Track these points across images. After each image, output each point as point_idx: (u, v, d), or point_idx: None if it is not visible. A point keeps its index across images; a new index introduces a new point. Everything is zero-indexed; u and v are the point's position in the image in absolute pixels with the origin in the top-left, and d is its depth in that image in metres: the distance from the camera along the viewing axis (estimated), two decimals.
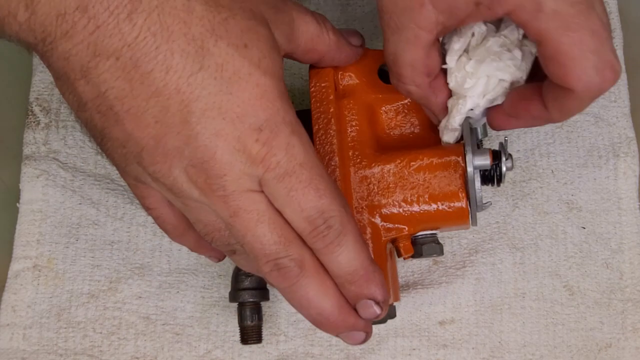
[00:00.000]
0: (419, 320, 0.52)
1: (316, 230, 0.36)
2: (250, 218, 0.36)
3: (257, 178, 0.35)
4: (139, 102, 0.34)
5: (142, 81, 0.34)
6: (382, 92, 0.46)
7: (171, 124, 0.34)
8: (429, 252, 0.45)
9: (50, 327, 0.52)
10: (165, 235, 0.53)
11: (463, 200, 0.44)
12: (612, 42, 0.37)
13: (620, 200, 0.54)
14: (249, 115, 0.35)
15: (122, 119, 0.35)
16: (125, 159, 0.36)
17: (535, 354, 0.52)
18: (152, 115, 0.34)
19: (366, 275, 0.38)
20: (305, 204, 0.36)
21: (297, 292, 0.38)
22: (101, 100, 0.34)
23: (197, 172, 0.35)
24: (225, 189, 0.35)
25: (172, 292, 0.53)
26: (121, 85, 0.34)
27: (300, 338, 0.52)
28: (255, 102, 0.35)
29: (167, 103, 0.34)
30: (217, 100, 0.34)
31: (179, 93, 0.34)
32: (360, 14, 0.58)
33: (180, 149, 0.35)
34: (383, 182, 0.44)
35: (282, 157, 0.35)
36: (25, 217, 0.54)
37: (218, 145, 0.34)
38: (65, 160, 0.55)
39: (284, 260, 0.37)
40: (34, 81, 0.56)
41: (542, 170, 0.55)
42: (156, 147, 0.35)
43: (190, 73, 0.34)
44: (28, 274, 0.53)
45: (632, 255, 0.53)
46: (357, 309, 0.39)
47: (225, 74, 0.35)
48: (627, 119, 0.55)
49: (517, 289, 0.53)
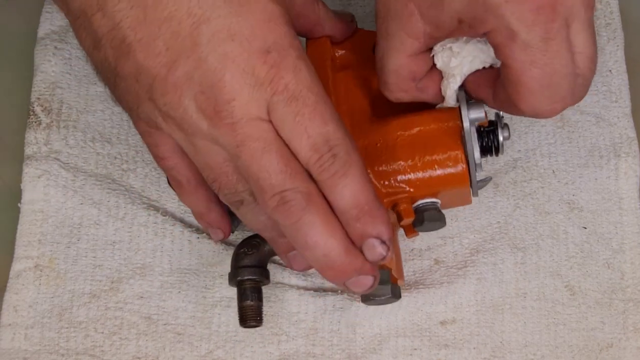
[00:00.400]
0: (420, 320, 0.52)
1: (322, 159, 0.36)
2: (257, 147, 0.36)
3: (265, 102, 0.36)
4: (152, 29, 0.35)
5: (156, 6, 0.35)
6: None
7: (181, 49, 0.35)
8: (431, 219, 0.45)
9: (51, 327, 0.52)
10: (167, 235, 0.54)
11: (462, 162, 0.44)
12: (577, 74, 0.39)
13: (622, 200, 0.54)
14: (258, 37, 0.36)
15: (134, 50, 0.36)
16: (138, 96, 0.37)
17: (536, 354, 0.52)
18: (164, 41, 0.35)
19: (371, 211, 0.38)
20: (312, 130, 0.36)
21: (303, 229, 0.37)
22: (115, 32, 0.36)
23: (206, 98, 0.35)
24: (234, 115, 0.35)
25: (173, 292, 0.53)
26: (135, 14, 0.35)
27: (302, 338, 0.52)
28: (263, 25, 0.36)
29: (178, 27, 0.35)
30: (227, 22, 0.35)
31: (190, 16, 0.35)
32: (361, 14, 0.58)
33: (189, 73, 0.35)
34: (382, 149, 0.44)
35: (290, 79, 0.36)
36: (27, 217, 0.54)
37: (227, 66, 0.35)
38: (67, 160, 0.55)
39: (289, 192, 0.36)
40: (35, 81, 0.56)
41: (543, 170, 0.55)
42: (167, 76, 0.36)
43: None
44: (29, 274, 0.53)
45: (633, 255, 0.53)
46: (363, 249, 0.38)
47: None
48: (628, 119, 0.55)
49: (518, 289, 0.53)
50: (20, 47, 0.58)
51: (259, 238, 0.47)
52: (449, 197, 0.46)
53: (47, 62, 0.56)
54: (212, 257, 0.53)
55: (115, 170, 0.55)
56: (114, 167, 0.55)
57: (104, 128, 0.56)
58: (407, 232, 0.47)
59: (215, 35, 0.35)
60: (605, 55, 0.56)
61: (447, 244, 0.54)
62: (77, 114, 0.56)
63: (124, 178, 0.55)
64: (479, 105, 0.44)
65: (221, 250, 0.53)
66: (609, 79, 0.56)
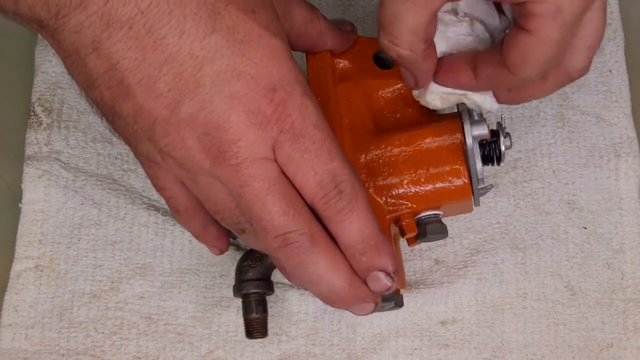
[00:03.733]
0: (421, 320, 0.52)
1: (327, 195, 0.36)
2: (261, 187, 0.35)
3: (271, 141, 0.35)
4: (152, 70, 0.34)
5: (155, 48, 0.34)
6: (378, 77, 0.47)
7: (185, 91, 0.34)
8: (433, 232, 0.45)
9: (52, 327, 0.52)
10: (167, 235, 0.54)
11: (464, 177, 0.44)
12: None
13: (622, 201, 0.54)
14: (263, 75, 0.35)
15: (133, 91, 0.35)
16: (137, 136, 0.36)
17: (536, 354, 0.52)
18: (165, 83, 0.34)
19: (377, 245, 0.37)
20: (318, 167, 0.36)
21: (307, 268, 0.37)
22: (112, 73, 0.34)
23: (210, 139, 0.35)
24: (238, 156, 0.35)
25: (174, 292, 0.53)
26: (133, 55, 0.34)
27: (302, 338, 0.52)
28: (268, 63, 0.35)
29: (181, 69, 0.34)
30: (231, 62, 0.34)
31: (193, 57, 0.34)
32: (362, 15, 0.59)
33: (194, 115, 0.34)
34: (383, 163, 0.44)
35: (297, 117, 0.35)
36: (27, 218, 0.54)
37: (233, 107, 0.34)
38: (67, 160, 0.55)
39: (293, 234, 0.36)
40: (36, 81, 0.56)
41: (543, 170, 0.55)
42: (169, 117, 0.35)
43: (204, 36, 0.34)
44: (30, 274, 0.53)
45: (634, 256, 0.53)
46: (368, 281, 0.38)
47: (237, 36, 0.35)
48: (628, 119, 0.55)
49: (518, 289, 0.53)
50: (20, 47, 0.58)
51: None
52: (451, 208, 0.46)
53: (48, 62, 0.56)
54: (212, 257, 0.53)
55: (116, 170, 0.55)
56: (114, 167, 0.55)
57: (105, 128, 0.56)
58: (409, 242, 0.47)
59: (219, 76, 0.34)
60: (605, 55, 0.57)
61: (447, 244, 0.54)
62: (78, 114, 0.56)
63: (125, 178, 0.55)
64: (481, 121, 0.43)
65: None
66: (609, 79, 0.56)
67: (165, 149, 0.36)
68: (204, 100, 0.34)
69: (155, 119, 0.35)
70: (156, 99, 0.35)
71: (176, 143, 0.35)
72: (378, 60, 0.47)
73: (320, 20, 0.44)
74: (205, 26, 0.34)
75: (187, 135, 0.35)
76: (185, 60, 0.34)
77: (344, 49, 0.47)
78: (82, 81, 0.36)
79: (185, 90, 0.34)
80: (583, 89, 0.56)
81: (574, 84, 0.56)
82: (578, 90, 0.56)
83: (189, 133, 0.35)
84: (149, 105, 0.35)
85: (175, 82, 0.34)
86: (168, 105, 0.35)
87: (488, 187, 0.45)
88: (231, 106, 0.34)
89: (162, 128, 0.35)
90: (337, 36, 0.45)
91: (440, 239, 0.46)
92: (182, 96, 0.34)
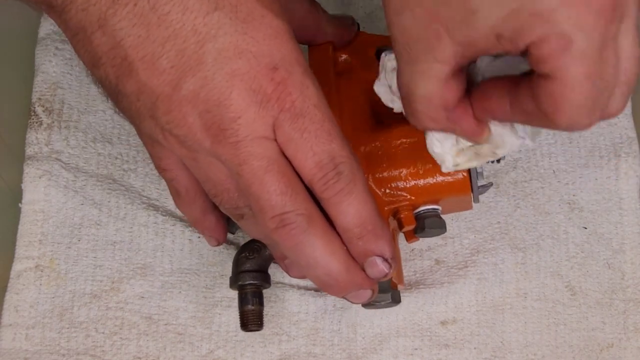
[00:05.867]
0: (421, 320, 0.52)
1: (326, 176, 0.36)
2: (259, 166, 0.35)
3: (271, 120, 0.35)
4: (155, 47, 0.35)
5: (159, 24, 0.34)
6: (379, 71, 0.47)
7: (187, 67, 0.35)
8: (432, 226, 0.45)
9: (52, 327, 0.52)
10: (167, 235, 0.54)
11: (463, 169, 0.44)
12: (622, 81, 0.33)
13: (622, 201, 0.54)
14: (265, 54, 0.35)
15: (136, 68, 0.35)
16: (139, 114, 0.37)
17: (537, 354, 0.52)
18: (168, 60, 0.35)
19: (374, 229, 0.37)
20: (317, 147, 0.36)
21: (304, 250, 0.37)
22: (116, 51, 0.35)
23: (212, 116, 0.35)
24: (238, 134, 0.35)
25: (174, 292, 0.53)
26: (137, 32, 0.34)
27: (303, 338, 0.52)
28: (270, 42, 0.35)
29: (184, 45, 0.35)
30: (234, 39, 0.35)
31: (196, 33, 0.34)
32: (362, 15, 0.59)
33: (195, 92, 0.35)
34: (383, 154, 0.44)
35: (297, 96, 0.35)
36: (28, 218, 0.54)
37: (234, 85, 0.35)
38: (68, 160, 0.55)
39: (290, 215, 0.36)
40: (36, 81, 0.56)
41: (543, 170, 0.55)
42: (171, 94, 0.35)
43: (207, 12, 0.34)
44: (30, 274, 0.53)
45: (634, 256, 0.53)
46: (365, 267, 0.38)
47: (240, 14, 0.35)
48: (628, 119, 0.55)
49: (518, 289, 0.53)
50: (21, 47, 0.58)
51: (259, 242, 0.47)
52: (450, 204, 0.46)
53: (48, 62, 0.56)
54: (212, 257, 0.53)
55: (116, 170, 0.55)
56: (114, 167, 0.55)
57: (105, 128, 0.56)
58: (408, 238, 0.47)
59: (221, 53, 0.35)
60: None
61: (447, 244, 0.54)
62: (78, 114, 0.56)
63: (125, 178, 0.55)
64: None
65: (222, 250, 0.53)
66: None
67: (167, 126, 0.36)
68: (206, 77, 0.35)
69: (157, 96, 0.35)
70: (159, 76, 0.35)
71: (178, 120, 0.36)
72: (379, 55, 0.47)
73: (321, 12, 0.44)
74: (209, 3, 0.35)
75: (189, 113, 0.35)
76: (188, 36, 0.34)
77: (345, 42, 0.47)
78: (87, 59, 0.36)
79: (187, 67, 0.35)
80: None
81: None
82: None
83: (190, 110, 0.35)
84: (151, 83, 0.35)
85: (177, 59, 0.35)
86: (170, 82, 0.35)
87: (487, 185, 0.45)
88: (232, 84, 0.35)
89: (164, 105, 0.35)
90: (337, 28, 0.46)
91: (438, 235, 0.46)
92: (184, 73, 0.35)
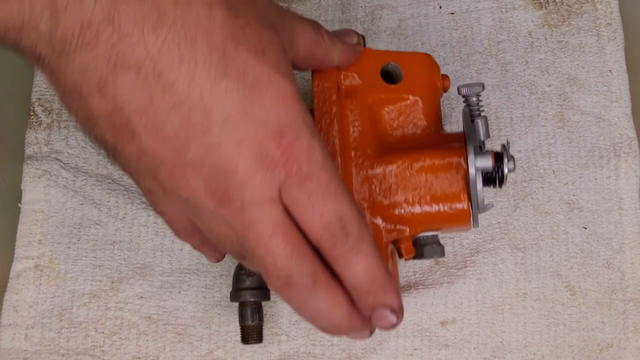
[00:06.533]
0: (421, 320, 0.52)
1: (334, 237, 0.35)
2: (265, 230, 0.35)
3: (277, 183, 0.35)
4: (159, 115, 0.33)
5: (164, 92, 0.33)
6: (385, 92, 0.46)
7: (192, 135, 0.33)
8: (430, 254, 0.45)
9: (52, 327, 0.52)
10: (167, 235, 0.54)
11: (465, 202, 0.44)
12: None
13: (622, 201, 0.54)
14: (272, 120, 0.34)
15: (139, 134, 0.33)
16: (139, 174, 0.36)
17: (536, 354, 0.52)
18: (172, 127, 0.33)
19: (383, 284, 0.37)
20: (325, 209, 0.35)
21: (309, 306, 0.37)
22: (116, 115, 0.33)
23: (217, 182, 0.34)
24: (244, 199, 0.34)
25: (173, 292, 0.53)
26: (140, 99, 0.33)
27: (302, 338, 0.52)
28: (277, 106, 0.34)
29: (189, 114, 0.33)
30: (241, 107, 0.33)
31: (202, 102, 0.33)
32: (361, 14, 0.58)
33: (200, 159, 0.34)
34: (385, 182, 0.44)
35: (304, 160, 0.35)
36: (27, 217, 0.54)
37: (241, 152, 0.34)
38: (67, 160, 0.55)
39: (295, 276, 0.35)
40: (35, 81, 0.56)
41: (543, 170, 0.55)
42: (175, 161, 0.34)
43: (214, 81, 0.33)
44: (30, 274, 0.53)
45: (634, 256, 0.53)
46: (373, 318, 0.38)
47: (248, 80, 0.34)
48: (628, 119, 0.55)
49: (518, 289, 0.53)
50: None
51: None
52: (450, 229, 0.46)
53: None
54: None
55: (116, 170, 0.55)
56: (114, 167, 0.55)
57: None
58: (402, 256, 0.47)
59: (228, 121, 0.33)
60: (606, 55, 0.57)
61: (447, 244, 0.54)
62: None
63: (125, 178, 0.55)
64: (486, 154, 0.43)
65: None
66: (609, 79, 0.56)
67: (169, 188, 0.35)
68: (212, 145, 0.33)
69: (160, 161, 0.34)
70: (162, 143, 0.34)
71: (181, 185, 0.35)
72: (385, 75, 0.47)
73: (325, 39, 0.43)
74: (216, 71, 0.33)
75: (193, 178, 0.34)
76: (194, 105, 0.33)
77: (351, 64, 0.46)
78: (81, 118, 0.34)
79: (192, 135, 0.33)
80: (583, 89, 0.56)
81: (574, 84, 0.56)
82: (578, 90, 0.56)
83: (195, 176, 0.34)
84: (154, 149, 0.34)
85: (182, 127, 0.33)
86: (175, 149, 0.34)
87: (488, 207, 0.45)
88: (239, 151, 0.34)
89: (168, 170, 0.34)
90: (342, 53, 0.44)
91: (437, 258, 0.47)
92: (189, 140, 0.33)
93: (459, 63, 0.57)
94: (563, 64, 0.56)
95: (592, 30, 0.57)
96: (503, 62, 0.57)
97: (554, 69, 0.56)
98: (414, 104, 0.46)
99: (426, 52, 0.51)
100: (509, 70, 0.56)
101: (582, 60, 0.56)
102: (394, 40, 0.58)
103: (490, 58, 0.57)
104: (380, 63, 0.46)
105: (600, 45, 0.56)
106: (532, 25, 0.57)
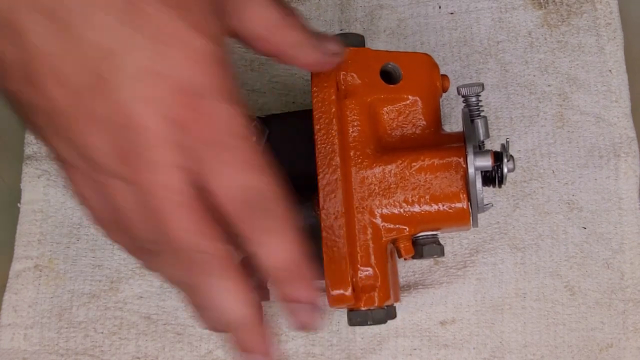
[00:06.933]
0: (420, 320, 0.52)
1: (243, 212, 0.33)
2: (170, 198, 0.32)
3: (183, 148, 0.32)
4: (66, 65, 0.31)
5: (71, 41, 0.31)
6: (384, 92, 0.46)
7: (98, 89, 0.32)
8: (430, 253, 0.45)
9: (51, 327, 0.52)
10: None
11: (464, 202, 0.44)
12: None
13: (621, 201, 0.54)
14: (182, 79, 0.32)
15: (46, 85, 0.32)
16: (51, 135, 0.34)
17: (536, 354, 0.52)
18: (79, 80, 0.32)
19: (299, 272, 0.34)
20: (234, 179, 0.33)
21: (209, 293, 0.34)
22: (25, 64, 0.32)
23: (123, 142, 0.32)
24: (149, 162, 0.32)
25: (173, 292, 0.53)
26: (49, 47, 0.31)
27: (301, 338, 0.52)
28: (190, 66, 0.32)
29: (98, 66, 0.31)
30: (150, 63, 0.32)
31: (112, 55, 0.31)
32: (361, 14, 0.58)
33: (105, 115, 0.32)
34: (384, 182, 0.44)
35: (221, 128, 0.32)
36: (26, 217, 0.54)
37: (147, 110, 0.32)
38: None
39: (199, 254, 0.33)
40: None
41: (543, 170, 0.55)
42: (81, 116, 0.32)
43: (120, 31, 0.31)
44: (29, 274, 0.53)
45: (633, 256, 0.53)
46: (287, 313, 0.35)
47: (159, 34, 0.32)
48: (628, 119, 0.55)
49: (518, 289, 0.53)
50: None
51: None
52: (449, 228, 0.46)
53: None
54: None
55: None
56: None
57: None
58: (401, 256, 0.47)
59: (135, 76, 0.31)
60: (605, 55, 0.56)
61: (446, 244, 0.54)
62: None
63: None
64: (485, 153, 0.43)
65: None
66: (609, 78, 0.56)
67: (79, 149, 0.33)
68: (117, 101, 0.32)
69: (67, 116, 0.32)
70: (69, 96, 0.32)
71: (89, 144, 0.33)
72: (385, 75, 0.47)
73: (292, 31, 0.39)
74: (123, 21, 0.31)
75: (101, 137, 0.32)
76: (102, 57, 0.31)
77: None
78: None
79: (98, 89, 0.32)
80: (583, 89, 0.56)
81: (574, 84, 0.56)
82: (578, 90, 0.56)
83: (102, 134, 0.32)
84: (61, 103, 0.32)
85: (90, 80, 0.32)
86: (80, 103, 0.32)
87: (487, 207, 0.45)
88: (147, 110, 0.32)
89: (76, 127, 0.32)
90: (309, 57, 0.41)
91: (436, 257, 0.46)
92: (94, 94, 0.32)
93: (458, 63, 0.57)
94: (562, 64, 0.56)
95: (592, 30, 0.57)
96: (502, 62, 0.57)
97: (553, 69, 0.56)
98: (414, 104, 0.46)
99: (426, 52, 0.51)
100: (508, 70, 0.56)
101: (582, 60, 0.56)
102: (394, 40, 0.58)
103: (489, 58, 0.57)
104: (379, 63, 0.46)
105: (599, 45, 0.56)
106: (531, 25, 0.57)
